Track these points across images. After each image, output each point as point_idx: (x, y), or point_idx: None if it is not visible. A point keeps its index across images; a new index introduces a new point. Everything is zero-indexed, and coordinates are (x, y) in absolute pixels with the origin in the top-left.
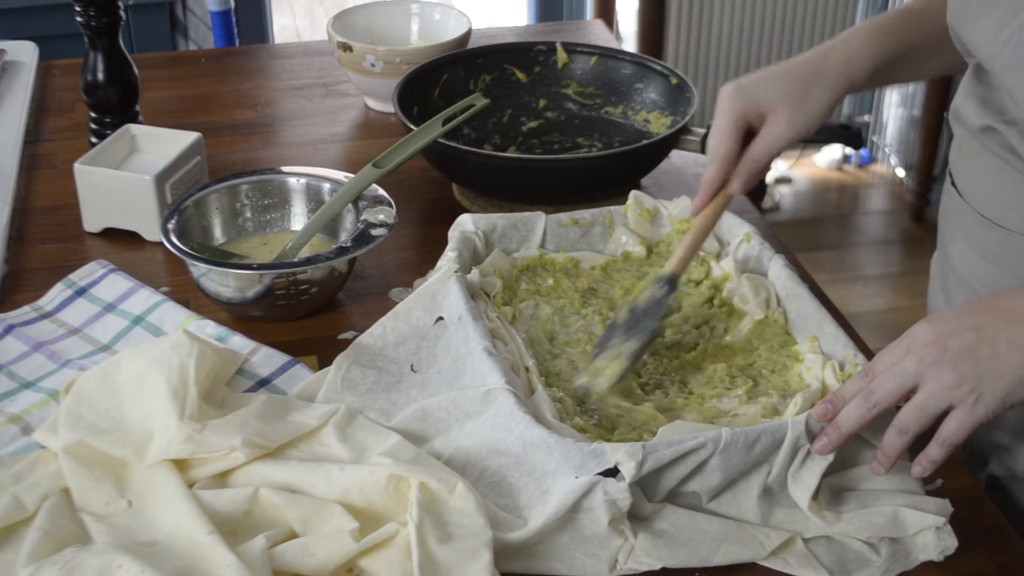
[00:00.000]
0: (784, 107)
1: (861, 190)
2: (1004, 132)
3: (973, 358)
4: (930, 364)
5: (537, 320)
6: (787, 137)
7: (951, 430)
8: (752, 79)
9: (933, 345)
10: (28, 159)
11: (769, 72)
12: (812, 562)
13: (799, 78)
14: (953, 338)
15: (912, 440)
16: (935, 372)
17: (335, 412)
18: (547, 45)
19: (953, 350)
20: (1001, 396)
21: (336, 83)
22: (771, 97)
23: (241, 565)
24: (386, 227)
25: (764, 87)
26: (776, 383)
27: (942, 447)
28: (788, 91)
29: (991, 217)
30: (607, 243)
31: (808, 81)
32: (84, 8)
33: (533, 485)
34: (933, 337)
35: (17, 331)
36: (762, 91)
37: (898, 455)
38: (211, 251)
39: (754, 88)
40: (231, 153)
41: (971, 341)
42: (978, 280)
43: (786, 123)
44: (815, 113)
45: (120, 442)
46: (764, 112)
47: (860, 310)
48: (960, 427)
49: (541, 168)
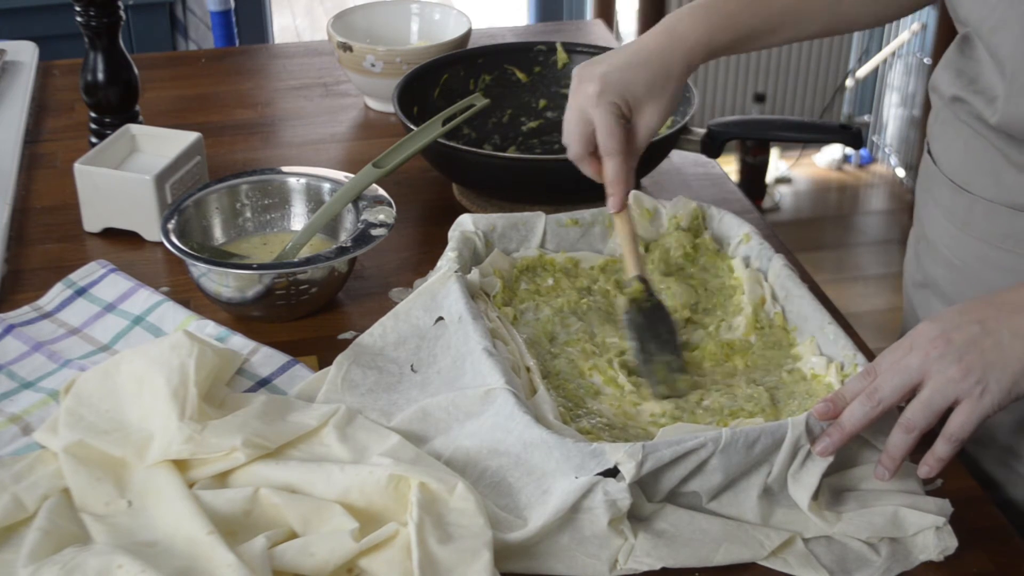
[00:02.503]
0: (650, 101)
1: (861, 190)
2: (972, 101)
3: (977, 349)
4: (935, 359)
5: (537, 321)
6: (657, 127)
7: (958, 424)
8: (614, 71)
9: (937, 340)
10: (28, 159)
11: (625, 63)
12: (812, 562)
13: (655, 71)
14: (956, 332)
15: (919, 438)
16: (940, 366)
17: (335, 412)
18: (547, 45)
19: (957, 343)
20: (1008, 386)
21: (336, 83)
22: (637, 92)
23: (241, 565)
24: (386, 227)
25: (628, 81)
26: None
27: (949, 442)
28: (650, 85)
29: (959, 183)
30: (607, 243)
31: (663, 75)
32: (84, 8)
33: (533, 485)
34: (937, 332)
35: (17, 331)
36: (628, 85)
37: (904, 456)
38: (211, 251)
39: (619, 82)
40: (231, 153)
41: (975, 333)
42: (946, 244)
43: (657, 115)
44: (673, 102)
45: (120, 442)
46: (633, 105)
47: (860, 310)
48: (967, 420)
49: (541, 168)
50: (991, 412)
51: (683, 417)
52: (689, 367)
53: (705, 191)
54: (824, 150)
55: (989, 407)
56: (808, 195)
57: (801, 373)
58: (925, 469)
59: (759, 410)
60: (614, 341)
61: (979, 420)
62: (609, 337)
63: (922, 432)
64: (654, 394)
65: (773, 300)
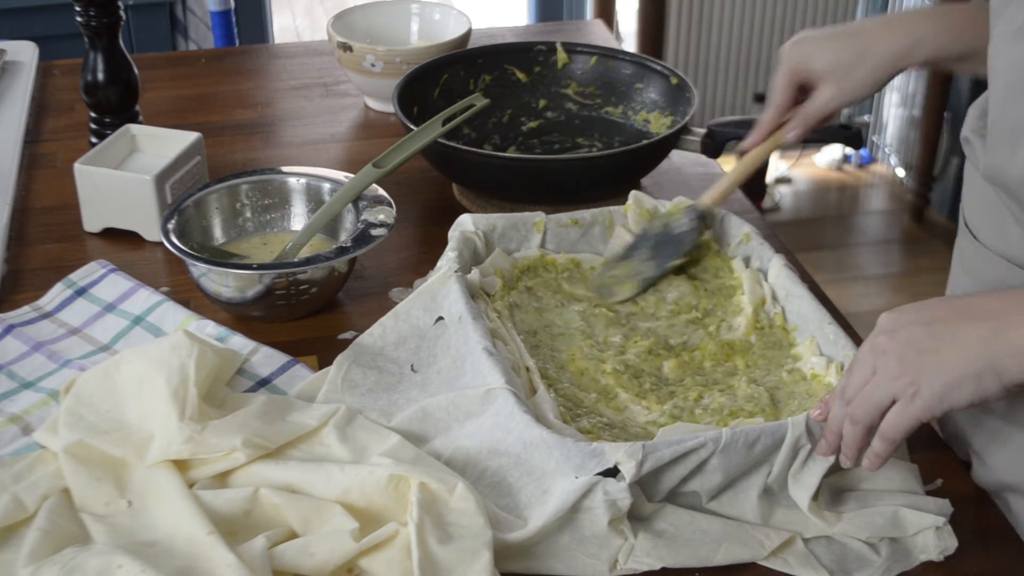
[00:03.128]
0: (829, 80)
1: (861, 190)
2: (974, 144)
3: (916, 351)
4: (879, 352)
5: (536, 310)
6: (831, 107)
7: (889, 423)
8: (810, 38)
9: (885, 335)
10: (28, 159)
11: (828, 35)
12: (812, 562)
13: (848, 52)
14: (904, 329)
15: (865, 432)
16: (883, 361)
17: (335, 412)
18: (547, 45)
19: (900, 341)
20: (938, 393)
21: (336, 83)
22: (820, 65)
23: (241, 565)
24: (386, 227)
25: (816, 52)
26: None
27: (883, 440)
28: (834, 63)
29: (972, 228)
30: (607, 243)
31: (856, 57)
32: (84, 8)
33: (533, 485)
34: (889, 327)
35: (17, 331)
36: (814, 56)
37: (857, 447)
38: (211, 251)
39: (808, 50)
40: (231, 153)
41: (920, 335)
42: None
43: (830, 95)
44: (858, 89)
45: (120, 442)
46: (811, 76)
47: (860, 310)
48: (898, 421)
49: (541, 168)
50: (922, 416)
51: (683, 417)
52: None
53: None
54: (824, 150)
55: (919, 412)
56: (808, 195)
57: (801, 373)
58: (866, 463)
59: (759, 410)
60: (616, 340)
61: (910, 422)
62: (611, 337)
63: (866, 427)
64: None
65: (773, 300)
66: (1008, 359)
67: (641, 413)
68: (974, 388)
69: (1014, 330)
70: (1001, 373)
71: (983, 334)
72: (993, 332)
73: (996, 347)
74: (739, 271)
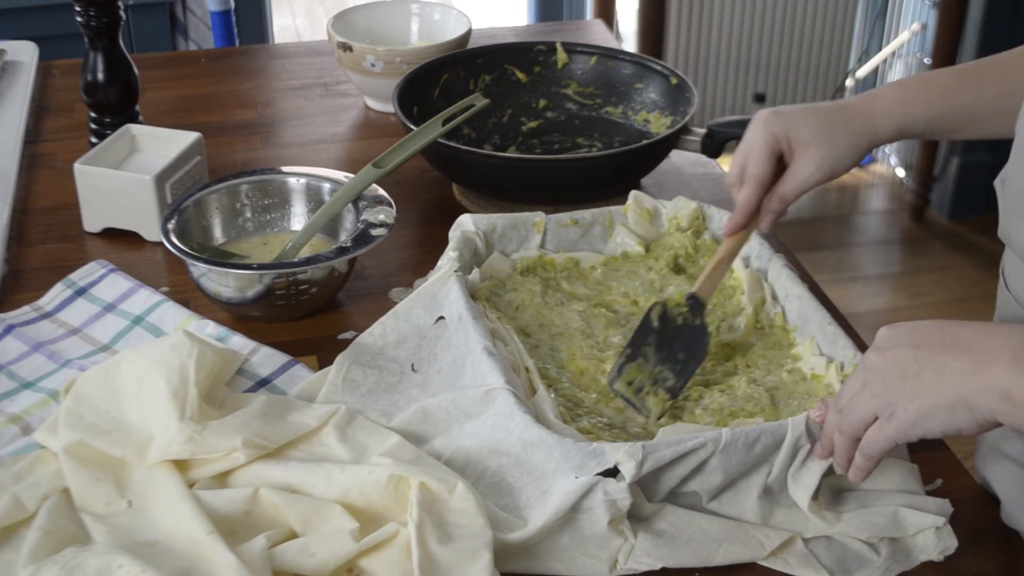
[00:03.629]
0: (814, 146)
1: (861, 190)
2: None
3: (899, 374)
4: (869, 368)
5: (532, 304)
6: (815, 179)
7: (867, 439)
8: (791, 109)
9: (877, 351)
10: (28, 159)
11: (808, 107)
12: (812, 562)
13: (833, 122)
14: (893, 350)
15: (851, 442)
16: (870, 377)
17: (335, 412)
18: (547, 45)
19: (889, 360)
20: (911, 419)
21: (336, 83)
22: (804, 133)
23: (241, 565)
24: (386, 227)
25: (800, 120)
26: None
27: (861, 455)
28: (819, 131)
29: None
30: (607, 243)
31: (839, 128)
32: (84, 8)
33: (533, 485)
34: (883, 343)
35: (17, 331)
36: (798, 123)
37: (845, 455)
38: (211, 251)
39: (790, 118)
40: (231, 153)
41: (905, 358)
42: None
43: (815, 165)
44: (842, 160)
45: (120, 442)
46: (794, 145)
47: (860, 310)
48: (875, 439)
49: (541, 168)
50: (897, 438)
51: (683, 417)
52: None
53: (705, 191)
54: None
55: (894, 433)
56: (808, 195)
57: (801, 373)
58: (850, 474)
59: (759, 410)
60: (616, 340)
61: (886, 442)
62: (611, 337)
63: (853, 438)
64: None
65: (773, 300)
66: (980, 395)
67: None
68: (946, 419)
69: (990, 367)
70: (973, 408)
71: (961, 367)
72: (971, 366)
73: (971, 382)
74: (739, 271)
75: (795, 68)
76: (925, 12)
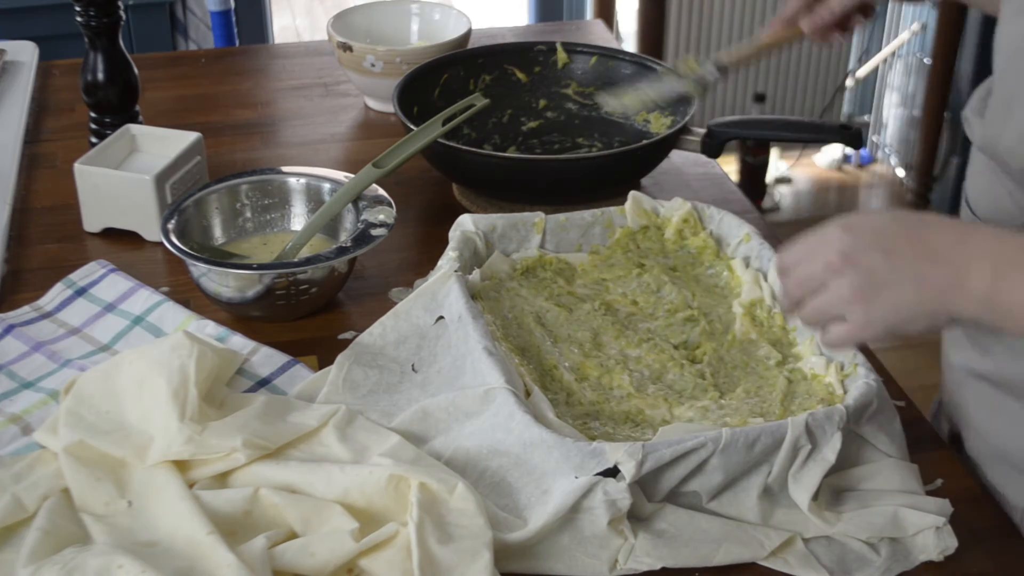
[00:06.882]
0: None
1: (861, 190)
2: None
3: (874, 283)
4: (833, 273)
5: (526, 300)
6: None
7: (835, 336)
8: None
9: (840, 256)
10: (28, 159)
11: None
12: (812, 562)
13: None
14: (862, 254)
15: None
16: (837, 282)
17: (335, 412)
18: (547, 45)
19: (859, 267)
20: (891, 326)
21: (336, 83)
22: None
23: (241, 565)
24: (386, 227)
25: None
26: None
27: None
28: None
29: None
30: (607, 243)
31: None
32: (84, 8)
33: (533, 485)
34: (846, 247)
35: (17, 331)
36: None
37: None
38: (211, 251)
39: None
40: (231, 153)
41: (877, 263)
42: None
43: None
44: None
45: (120, 443)
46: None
47: None
48: (844, 338)
49: (541, 168)
50: (868, 340)
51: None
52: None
53: (705, 191)
54: (824, 150)
55: (869, 336)
56: (808, 195)
57: (801, 373)
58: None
59: (759, 412)
60: (616, 341)
61: (855, 342)
62: (612, 337)
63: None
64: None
65: (773, 300)
66: (965, 305)
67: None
68: (927, 324)
69: (972, 278)
70: (956, 316)
71: (943, 281)
72: (953, 278)
73: (956, 295)
74: (739, 271)
75: (795, 68)
76: (925, 12)
